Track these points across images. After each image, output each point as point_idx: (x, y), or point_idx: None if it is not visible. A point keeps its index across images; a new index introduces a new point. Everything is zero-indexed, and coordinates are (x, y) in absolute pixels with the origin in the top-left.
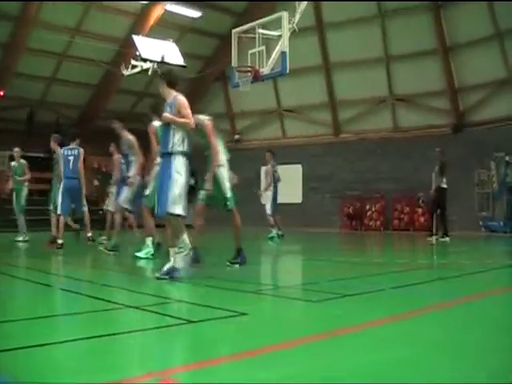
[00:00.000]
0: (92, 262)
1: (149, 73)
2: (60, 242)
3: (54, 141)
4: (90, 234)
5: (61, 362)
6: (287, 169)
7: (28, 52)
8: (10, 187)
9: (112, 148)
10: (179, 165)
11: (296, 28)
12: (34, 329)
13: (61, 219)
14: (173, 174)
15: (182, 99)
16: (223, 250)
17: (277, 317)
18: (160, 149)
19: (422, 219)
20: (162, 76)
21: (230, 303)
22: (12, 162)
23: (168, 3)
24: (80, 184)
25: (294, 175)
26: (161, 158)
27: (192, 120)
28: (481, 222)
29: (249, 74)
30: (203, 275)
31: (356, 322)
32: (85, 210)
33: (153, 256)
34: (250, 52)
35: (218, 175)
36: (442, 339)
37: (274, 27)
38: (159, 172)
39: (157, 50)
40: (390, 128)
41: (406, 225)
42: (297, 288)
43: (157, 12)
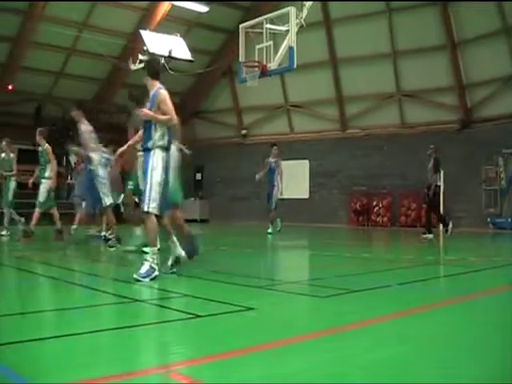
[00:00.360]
0: (98, 257)
1: None
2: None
3: (40, 135)
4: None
5: (67, 356)
6: (294, 164)
7: (36, 46)
8: None
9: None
10: (156, 161)
11: (303, 23)
12: (40, 322)
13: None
14: (148, 172)
15: (163, 93)
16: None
17: (284, 312)
18: (142, 143)
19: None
20: (145, 65)
21: (237, 298)
22: (2, 154)
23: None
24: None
25: (301, 171)
26: (143, 153)
27: (173, 116)
28: (488, 219)
29: (256, 69)
30: (210, 270)
31: (363, 318)
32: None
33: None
34: (258, 47)
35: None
36: (449, 336)
37: (282, 22)
38: (141, 167)
39: (164, 45)
40: (397, 124)
41: (413, 221)
42: (304, 283)
43: (164, 7)
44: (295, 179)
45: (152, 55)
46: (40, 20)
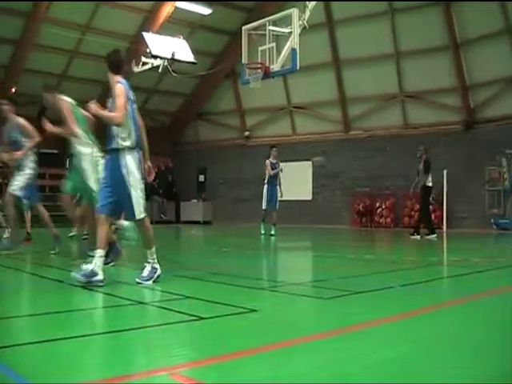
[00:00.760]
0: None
1: (159, 70)
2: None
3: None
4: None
5: (69, 358)
6: (297, 166)
7: (39, 49)
8: None
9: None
10: (130, 164)
11: (306, 25)
12: (43, 324)
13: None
14: (126, 177)
15: (119, 87)
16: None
17: (287, 313)
18: (106, 144)
19: (433, 216)
20: (105, 60)
21: (240, 300)
22: None
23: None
24: None
25: (304, 172)
26: (107, 154)
27: (119, 114)
28: (492, 220)
29: (259, 71)
30: (212, 271)
31: (367, 320)
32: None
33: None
34: (260, 49)
35: (79, 165)
36: (452, 337)
37: (284, 24)
38: (106, 169)
39: (167, 47)
40: (400, 125)
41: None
42: (307, 285)
43: (167, 9)
44: (298, 181)
45: (115, 48)
46: (43, 22)
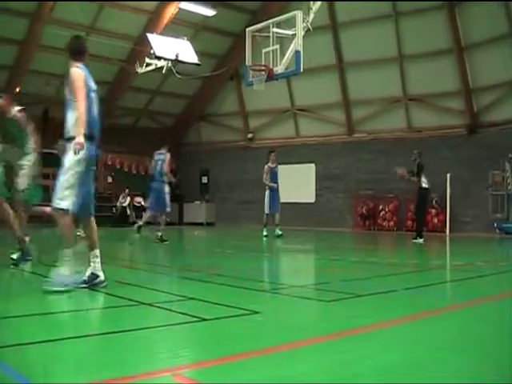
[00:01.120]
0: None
1: (163, 71)
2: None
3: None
4: (161, 234)
5: (72, 358)
6: (300, 168)
7: (43, 49)
8: None
9: None
10: (71, 151)
11: (310, 27)
12: (45, 324)
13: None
14: (64, 163)
15: (76, 71)
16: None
17: (290, 316)
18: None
19: (436, 220)
20: (66, 46)
21: (243, 302)
22: None
23: (182, 2)
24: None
25: (308, 174)
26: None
27: (80, 101)
28: (495, 224)
29: (263, 73)
30: (215, 273)
31: (370, 323)
32: (168, 211)
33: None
34: (264, 51)
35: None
36: (454, 341)
37: (288, 26)
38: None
39: (171, 48)
40: (404, 128)
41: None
42: (309, 287)
43: (171, 10)
44: (301, 183)
45: (76, 35)
46: (47, 23)
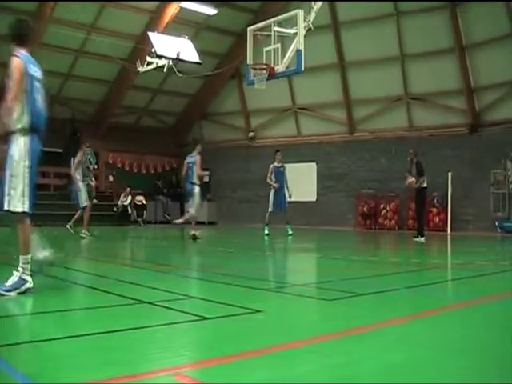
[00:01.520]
0: (108, 257)
1: (164, 70)
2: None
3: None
4: (194, 232)
5: (73, 357)
6: (302, 167)
7: (44, 48)
8: None
9: None
10: (17, 149)
11: (311, 26)
12: (47, 323)
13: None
14: (9, 162)
15: (15, 60)
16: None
17: (291, 315)
18: None
19: (437, 219)
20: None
21: (244, 300)
22: None
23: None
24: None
25: (309, 173)
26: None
27: (11, 95)
28: (496, 223)
29: (264, 72)
30: (217, 272)
31: (371, 322)
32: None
33: None
34: (265, 50)
35: None
36: (456, 341)
37: (290, 25)
38: None
39: (172, 47)
40: (405, 127)
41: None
42: (311, 286)
43: (172, 9)
44: (303, 182)
45: (20, 18)
46: (49, 22)
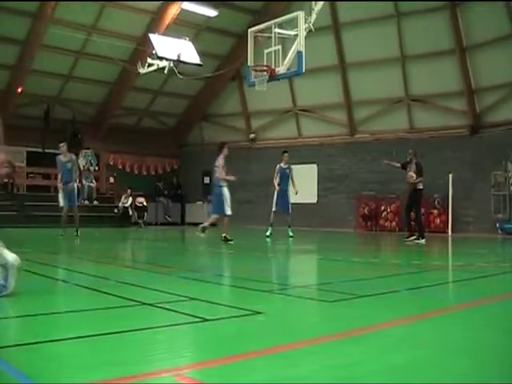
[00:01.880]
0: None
1: (165, 71)
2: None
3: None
4: (225, 234)
5: (74, 358)
6: (302, 168)
7: (45, 49)
8: None
9: None
10: None
11: (312, 27)
12: (48, 324)
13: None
14: None
15: None
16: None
17: (292, 316)
18: None
19: (438, 220)
20: None
21: (245, 302)
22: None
23: (184, 2)
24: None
25: (310, 175)
26: None
27: None
28: (497, 225)
29: (265, 74)
30: (217, 273)
31: (372, 323)
32: (228, 214)
33: None
34: (266, 51)
35: None
36: (457, 342)
37: (290, 27)
38: None
39: (173, 49)
40: (406, 128)
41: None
42: (312, 288)
43: (173, 11)
44: (303, 184)
45: None
46: (49, 23)
